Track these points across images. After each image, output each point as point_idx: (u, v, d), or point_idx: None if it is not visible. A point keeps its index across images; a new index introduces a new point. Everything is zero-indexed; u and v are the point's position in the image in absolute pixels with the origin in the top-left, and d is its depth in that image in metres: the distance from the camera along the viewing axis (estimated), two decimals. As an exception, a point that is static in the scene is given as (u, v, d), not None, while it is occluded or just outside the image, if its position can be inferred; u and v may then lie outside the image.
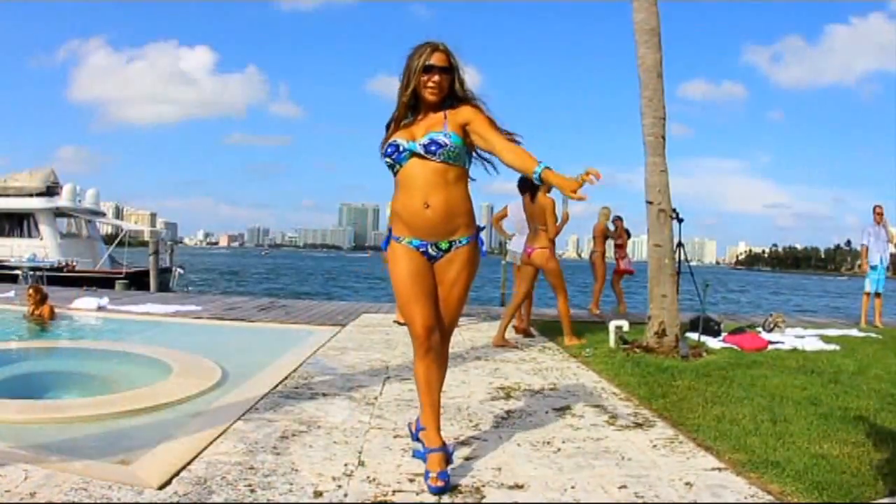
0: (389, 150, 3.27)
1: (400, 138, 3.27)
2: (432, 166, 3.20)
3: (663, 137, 7.60)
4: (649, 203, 7.57)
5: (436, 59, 3.25)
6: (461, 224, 3.30)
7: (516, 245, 9.05)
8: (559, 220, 8.22)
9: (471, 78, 3.35)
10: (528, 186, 8.78)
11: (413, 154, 3.23)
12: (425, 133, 3.24)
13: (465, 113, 3.27)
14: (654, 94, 7.59)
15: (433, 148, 3.19)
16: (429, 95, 3.27)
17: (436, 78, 3.24)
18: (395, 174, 3.31)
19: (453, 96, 3.32)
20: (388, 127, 3.40)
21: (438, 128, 3.23)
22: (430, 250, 3.29)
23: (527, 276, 8.31)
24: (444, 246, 3.30)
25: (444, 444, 3.27)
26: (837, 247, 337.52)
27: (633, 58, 7.78)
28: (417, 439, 3.41)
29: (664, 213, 7.50)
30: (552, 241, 8.14)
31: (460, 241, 3.31)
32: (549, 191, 7.95)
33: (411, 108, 3.36)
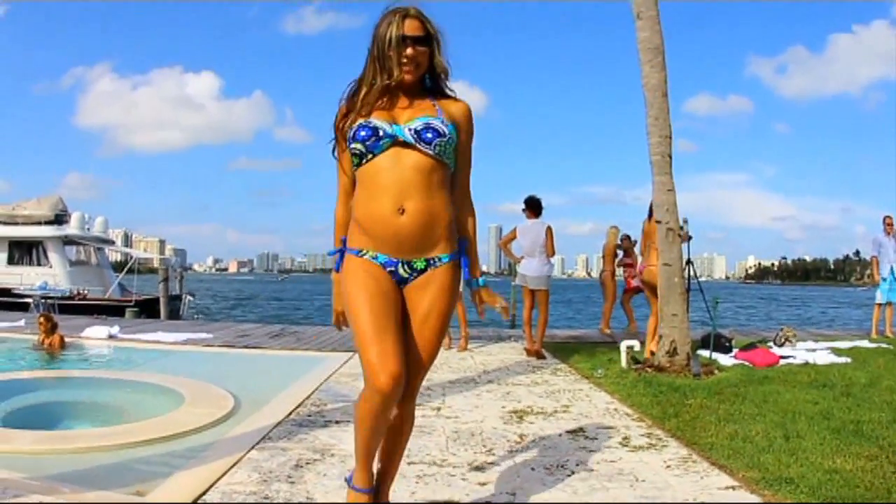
0: (363, 133, 2.57)
1: (378, 120, 2.59)
2: (415, 161, 2.56)
3: (670, 156, 7.62)
4: (658, 222, 7.58)
5: (410, 28, 2.60)
6: (442, 237, 2.63)
7: (526, 268, 8.97)
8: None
9: (477, 99, 2.77)
10: (535, 207, 8.84)
11: (393, 143, 2.57)
12: (412, 117, 2.62)
13: (458, 112, 2.71)
14: (659, 113, 7.61)
15: (429, 135, 2.58)
16: (405, 74, 2.62)
17: (409, 51, 2.59)
18: (356, 166, 2.63)
19: (431, 74, 2.73)
20: (348, 105, 2.71)
21: (431, 113, 2.64)
22: (400, 270, 2.62)
23: (648, 290, 8.37)
24: (419, 265, 2.62)
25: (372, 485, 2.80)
26: (847, 257, 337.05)
27: (638, 75, 7.83)
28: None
29: (672, 232, 7.51)
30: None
31: (440, 260, 2.64)
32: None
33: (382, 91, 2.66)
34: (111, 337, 10.71)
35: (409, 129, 2.58)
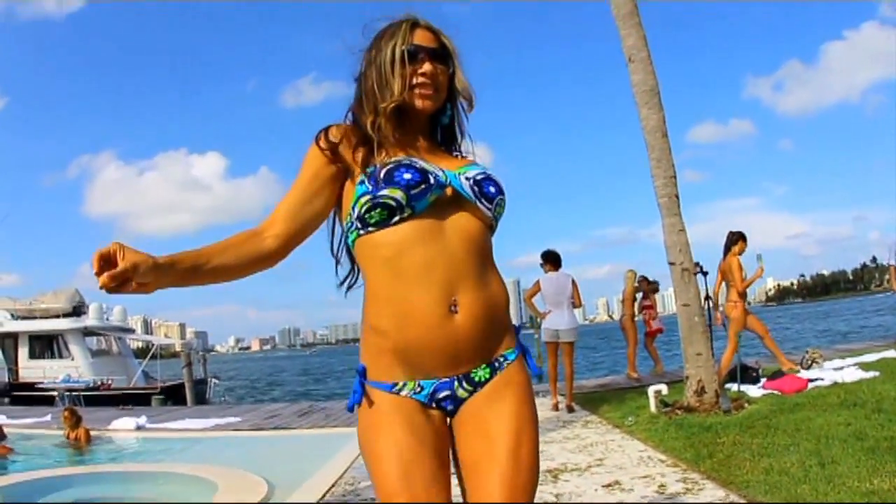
0: (408, 176, 1.71)
1: (423, 161, 1.78)
2: (466, 227, 1.77)
3: (677, 196, 7.63)
4: (671, 264, 7.60)
5: (422, 39, 1.85)
6: (505, 331, 1.83)
7: (555, 321, 8.74)
8: (749, 276, 8.88)
9: (484, 155, 2.00)
10: (555, 260, 8.88)
11: (439, 197, 1.75)
12: (461, 165, 1.87)
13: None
14: (661, 154, 7.64)
15: (492, 190, 1.82)
16: (422, 100, 1.83)
17: (427, 67, 1.82)
18: (370, 229, 1.74)
19: (449, 106, 1.94)
20: (353, 128, 1.86)
21: (472, 161, 1.94)
22: (458, 392, 1.75)
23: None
24: (482, 376, 1.76)
25: None
26: (864, 265, 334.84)
27: (636, 116, 7.87)
28: None
29: (688, 272, 7.51)
30: (741, 295, 8.75)
31: (506, 359, 1.80)
32: (741, 252, 8.66)
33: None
34: (139, 428, 10.74)
35: (467, 179, 1.80)
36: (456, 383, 1.74)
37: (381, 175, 1.71)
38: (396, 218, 1.70)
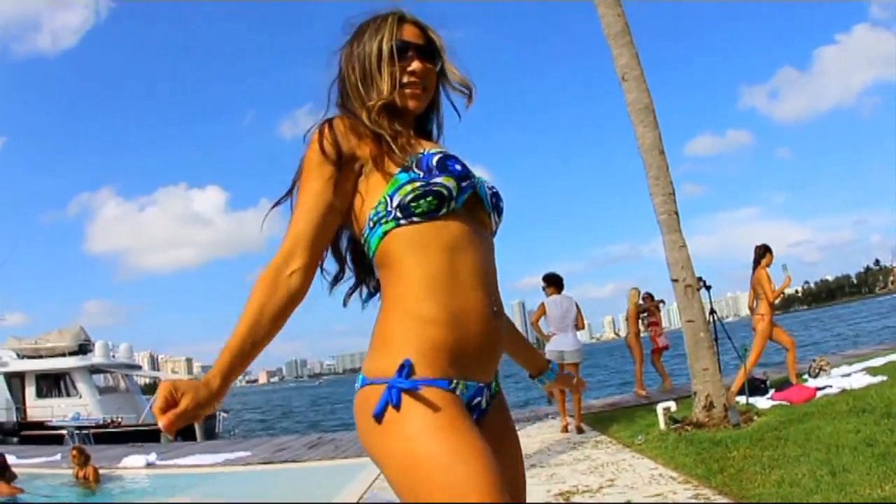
0: (459, 167, 1.63)
1: (459, 162, 1.66)
2: (487, 235, 1.72)
3: (676, 213, 7.65)
4: (674, 281, 7.60)
5: (410, 34, 1.75)
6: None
7: (560, 343, 8.73)
8: (777, 286, 8.94)
9: (483, 177, 1.79)
10: (558, 282, 8.91)
11: (469, 197, 1.65)
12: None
13: None
14: (659, 171, 7.66)
15: (501, 206, 1.79)
16: (410, 101, 1.75)
17: (416, 65, 1.73)
18: (415, 219, 1.57)
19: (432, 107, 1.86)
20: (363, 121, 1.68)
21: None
22: (483, 401, 1.65)
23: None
24: (494, 389, 1.72)
25: None
26: (867, 268, 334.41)
27: (632, 134, 7.88)
28: None
29: (691, 289, 7.52)
30: (771, 306, 8.80)
31: (497, 380, 1.76)
32: (768, 264, 8.77)
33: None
34: (149, 465, 10.70)
35: (489, 188, 1.76)
36: (485, 390, 1.64)
37: (435, 162, 1.59)
38: (444, 210, 1.57)
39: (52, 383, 27.47)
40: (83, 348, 27.80)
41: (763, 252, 9.03)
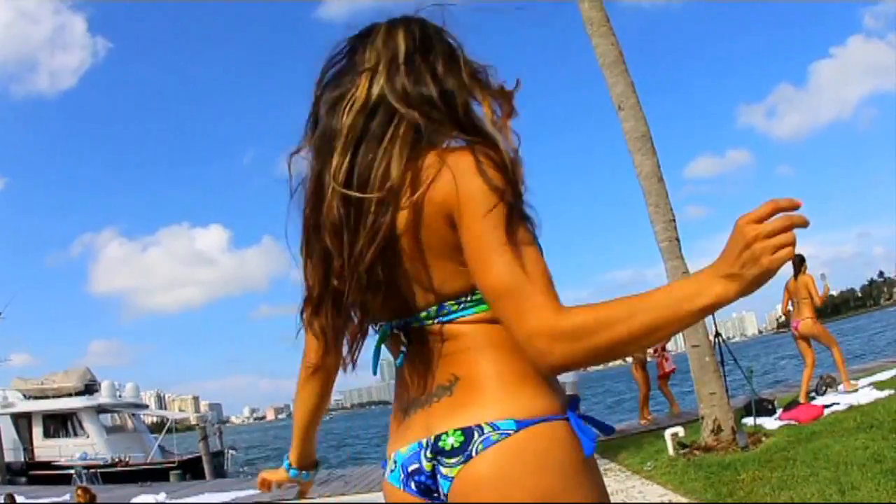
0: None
1: None
2: None
3: (677, 239, 7.68)
4: None
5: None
6: None
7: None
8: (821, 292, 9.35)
9: None
10: None
11: None
12: None
13: None
14: (658, 199, 7.69)
15: None
16: None
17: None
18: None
19: None
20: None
21: None
22: None
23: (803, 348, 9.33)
24: None
25: None
26: (872, 281, 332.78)
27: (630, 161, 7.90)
28: None
29: None
30: (815, 310, 9.15)
31: None
32: (805, 270, 9.13)
33: None
34: (159, 505, 10.67)
35: None
36: None
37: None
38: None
39: (60, 423, 27.39)
40: (89, 388, 27.73)
41: (801, 260, 9.38)
